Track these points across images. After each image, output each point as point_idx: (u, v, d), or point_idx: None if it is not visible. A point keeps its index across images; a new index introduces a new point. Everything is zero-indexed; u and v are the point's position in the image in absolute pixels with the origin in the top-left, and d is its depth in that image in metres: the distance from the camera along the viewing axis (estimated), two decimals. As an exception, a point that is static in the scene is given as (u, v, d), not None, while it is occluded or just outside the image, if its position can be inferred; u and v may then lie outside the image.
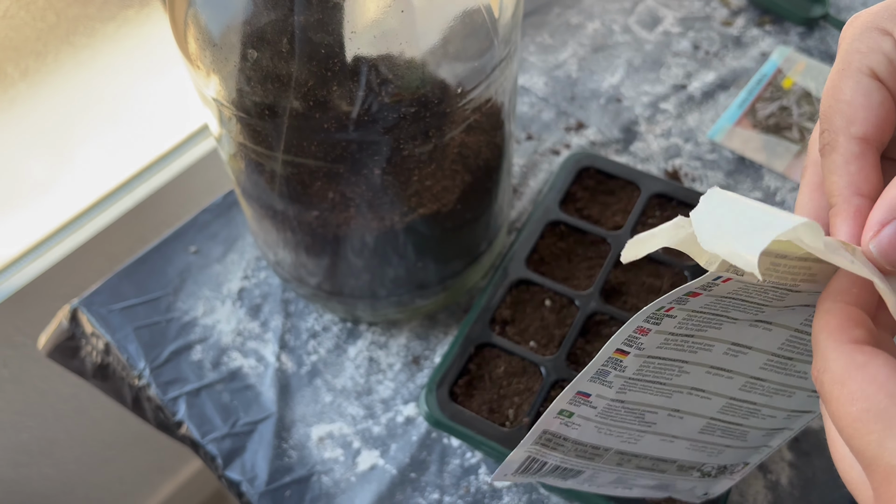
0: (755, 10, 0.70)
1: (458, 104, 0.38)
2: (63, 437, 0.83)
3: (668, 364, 0.28)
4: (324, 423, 0.50)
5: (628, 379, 0.29)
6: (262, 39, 0.35)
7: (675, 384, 0.30)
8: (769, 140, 0.61)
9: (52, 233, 0.73)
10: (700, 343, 0.27)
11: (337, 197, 0.40)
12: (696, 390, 0.30)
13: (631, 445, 0.34)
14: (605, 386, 0.29)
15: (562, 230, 0.52)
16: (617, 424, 0.32)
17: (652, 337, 0.27)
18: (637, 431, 0.33)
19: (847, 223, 0.24)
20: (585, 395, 0.30)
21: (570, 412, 0.31)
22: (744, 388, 0.30)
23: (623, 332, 0.26)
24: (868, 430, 0.19)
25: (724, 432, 0.33)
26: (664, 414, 0.32)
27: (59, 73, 0.66)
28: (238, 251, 0.57)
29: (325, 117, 0.35)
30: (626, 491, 0.38)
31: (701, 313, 0.26)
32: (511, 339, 0.48)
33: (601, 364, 0.28)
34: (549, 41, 0.69)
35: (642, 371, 0.29)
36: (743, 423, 0.32)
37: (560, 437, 0.33)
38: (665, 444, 0.34)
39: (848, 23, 0.26)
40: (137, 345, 0.53)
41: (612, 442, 0.33)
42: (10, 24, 0.60)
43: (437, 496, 0.46)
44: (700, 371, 0.29)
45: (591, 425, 0.32)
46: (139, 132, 0.76)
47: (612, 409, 0.31)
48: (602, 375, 0.29)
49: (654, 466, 0.36)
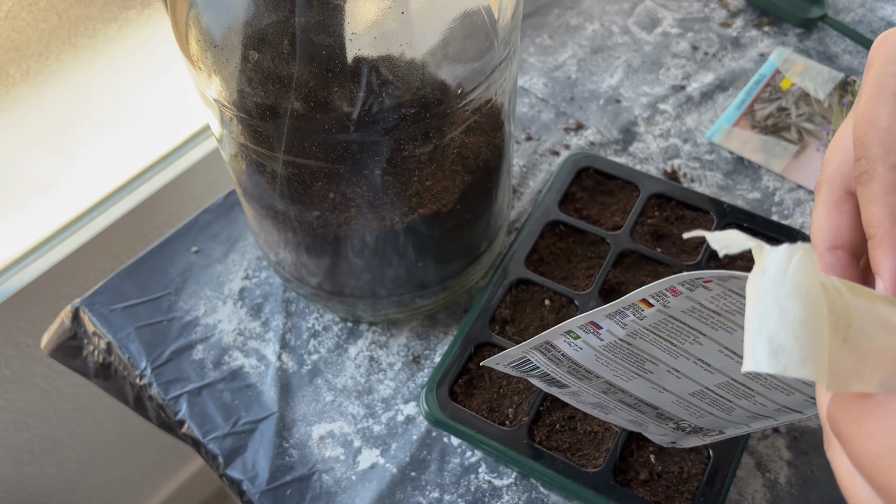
0: (753, 12, 0.70)
1: (458, 105, 0.38)
2: (65, 437, 0.83)
3: (686, 329, 0.29)
4: (325, 422, 0.50)
5: (643, 328, 0.30)
6: (264, 41, 0.35)
7: (685, 349, 0.30)
8: (768, 141, 0.61)
9: (54, 233, 0.74)
10: (724, 323, 0.28)
11: (338, 197, 0.40)
12: (703, 362, 0.31)
13: (622, 382, 0.35)
14: (619, 326, 0.30)
15: (561, 230, 0.52)
16: (616, 361, 0.33)
17: (681, 300, 0.27)
18: (632, 373, 0.33)
19: (890, 256, 0.23)
20: (598, 326, 0.31)
21: (578, 335, 0.32)
22: (748, 375, 0.30)
23: (655, 286, 0.27)
24: (889, 465, 0.19)
25: (713, 402, 0.34)
26: (664, 369, 0.32)
27: (61, 74, 0.66)
28: (239, 251, 0.57)
29: (325, 118, 0.35)
30: (601, 415, 0.40)
31: (736, 295, 0.26)
32: (511, 338, 0.48)
33: (623, 306, 0.29)
34: (549, 42, 0.69)
35: (659, 327, 0.29)
36: (734, 401, 0.33)
37: (560, 352, 0.34)
38: (654, 392, 0.35)
39: (878, 42, 0.26)
40: (139, 344, 0.53)
41: (606, 373, 0.34)
42: (12, 25, 0.60)
43: (437, 495, 0.47)
44: (713, 347, 0.29)
45: (592, 353, 0.33)
46: (140, 133, 0.76)
47: (617, 346, 0.32)
48: (620, 316, 0.29)
49: (635, 405, 0.37)
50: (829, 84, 0.64)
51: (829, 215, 0.27)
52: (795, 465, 0.47)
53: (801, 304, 0.20)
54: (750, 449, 0.47)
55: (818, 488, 0.46)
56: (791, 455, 0.47)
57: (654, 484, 0.43)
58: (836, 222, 0.26)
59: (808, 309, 0.20)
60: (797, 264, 0.20)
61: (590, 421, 0.45)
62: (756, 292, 0.21)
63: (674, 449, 0.44)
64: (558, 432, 0.44)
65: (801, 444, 0.47)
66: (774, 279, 0.21)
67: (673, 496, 0.42)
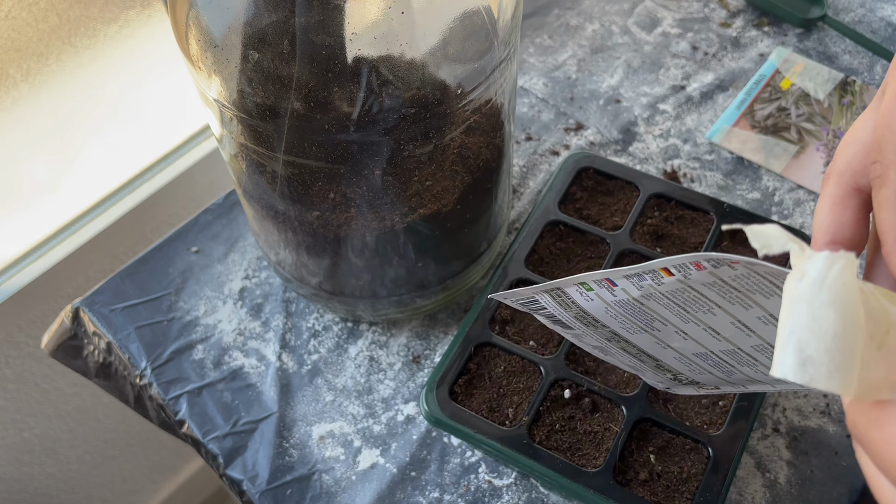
0: (753, 12, 0.70)
1: (458, 105, 0.38)
2: (65, 436, 0.83)
3: (701, 300, 0.29)
4: (325, 422, 0.50)
5: (659, 292, 0.30)
6: (264, 41, 0.35)
7: (697, 317, 0.30)
8: (767, 141, 0.61)
9: (55, 233, 0.74)
10: (742, 300, 0.28)
11: (338, 197, 0.40)
12: (713, 330, 0.31)
13: (627, 334, 0.35)
14: (635, 287, 0.30)
15: (561, 230, 0.52)
16: (625, 315, 0.33)
17: (703, 275, 0.27)
18: (639, 328, 0.34)
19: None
20: (613, 283, 0.31)
21: (591, 288, 0.32)
22: (755, 348, 0.30)
23: (679, 259, 0.27)
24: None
25: (715, 364, 0.34)
26: (672, 329, 0.33)
27: (61, 75, 0.66)
28: (239, 251, 0.57)
29: (325, 118, 0.36)
30: (601, 355, 0.40)
31: (760, 277, 0.26)
32: (511, 338, 0.48)
33: (643, 271, 0.29)
34: (549, 42, 0.69)
35: (675, 294, 0.29)
36: (736, 366, 0.33)
37: (570, 299, 0.34)
38: (657, 346, 0.35)
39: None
40: (139, 344, 0.53)
41: (613, 324, 0.35)
42: (13, 25, 0.60)
43: (437, 495, 0.47)
44: (726, 319, 0.30)
45: (602, 305, 0.33)
46: (141, 133, 0.76)
47: (629, 304, 0.32)
48: (638, 279, 0.30)
49: (637, 355, 0.38)
50: (828, 84, 0.64)
51: (832, 209, 0.26)
52: (795, 465, 0.47)
53: (835, 315, 0.20)
54: (750, 449, 0.47)
55: (818, 488, 0.46)
56: (791, 455, 0.47)
57: (654, 484, 0.43)
58: (838, 217, 0.26)
59: (842, 321, 0.20)
60: (837, 274, 0.20)
61: (590, 421, 0.45)
62: (793, 296, 0.21)
63: (674, 449, 0.44)
64: (558, 432, 0.44)
65: (801, 444, 0.47)
66: (812, 286, 0.20)
67: (673, 496, 0.42)
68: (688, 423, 0.44)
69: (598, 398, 0.45)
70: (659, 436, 0.44)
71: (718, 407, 0.45)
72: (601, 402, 0.45)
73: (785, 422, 0.48)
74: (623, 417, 0.44)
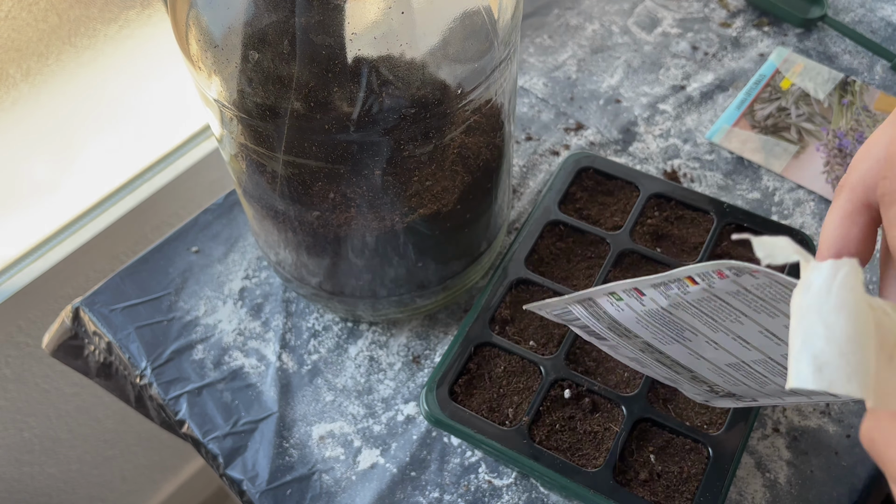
0: (753, 12, 0.70)
1: (458, 105, 0.38)
2: (65, 436, 0.83)
3: (728, 309, 0.29)
4: (325, 422, 0.50)
5: (686, 301, 0.30)
6: (264, 41, 0.35)
7: (726, 326, 0.30)
8: (767, 141, 0.61)
9: (55, 233, 0.74)
10: (768, 309, 0.28)
11: (338, 197, 0.40)
12: (742, 339, 0.31)
13: (660, 344, 0.35)
14: (662, 296, 0.30)
15: (561, 230, 0.52)
16: (656, 326, 0.33)
17: (727, 283, 0.27)
18: (671, 338, 0.34)
19: None
20: (641, 293, 0.31)
21: (621, 298, 0.32)
22: (785, 356, 0.30)
23: (701, 267, 0.27)
24: None
25: (748, 375, 0.34)
26: (703, 339, 0.33)
27: (61, 75, 0.66)
28: (239, 251, 0.57)
29: (325, 118, 0.36)
30: (638, 367, 0.40)
31: (782, 287, 0.26)
32: (511, 338, 0.48)
33: (669, 280, 0.29)
34: (549, 42, 0.69)
35: (702, 303, 0.29)
36: (769, 377, 0.33)
37: (602, 309, 0.34)
38: (691, 357, 0.35)
39: None
40: (139, 344, 0.53)
41: (646, 335, 0.35)
42: (13, 25, 0.60)
43: (437, 494, 0.47)
44: (754, 328, 0.30)
45: (633, 315, 0.33)
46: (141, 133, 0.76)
47: (658, 314, 0.32)
48: (665, 288, 0.30)
49: (671, 366, 0.37)
50: (828, 84, 0.64)
51: (841, 223, 0.26)
52: (795, 465, 0.47)
53: (846, 319, 0.20)
54: (750, 449, 0.47)
55: (818, 488, 0.46)
56: (791, 455, 0.47)
57: (654, 484, 0.43)
58: (846, 232, 0.26)
59: (854, 324, 0.20)
60: (843, 279, 0.20)
61: (590, 421, 0.45)
62: (800, 308, 0.21)
63: (674, 449, 0.44)
64: (558, 432, 0.44)
65: (801, 444, 0.47)
66: (819, 294, 0.21)
67: (673, 496, 0.42)
68: (688, 423, 0.44)
69: (598, 398, 0.45)
70: (659, 436, 0.44)
71: (718, 407, 0.45)
72: (601, 402, 0.45)
73: (785, 422, 0.48)
74: (623, 417, 0.44)
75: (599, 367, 0.47)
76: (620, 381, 0.46)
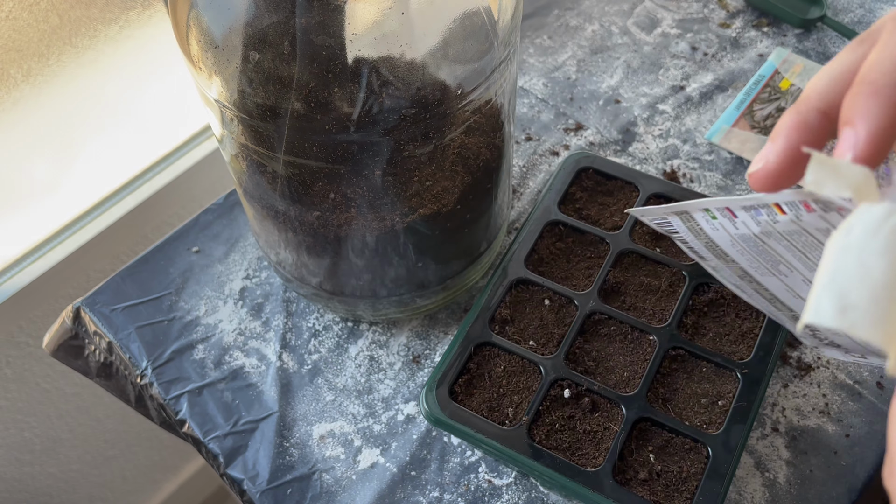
0: (753, 12, 0.70)
1: (457, 105, 0.38)
2: (66, 436, 0.84)
3: (819, 247, 0.28)
4: (325, 421, 0.50)
5: (777, 231, 0.29)
6: (264, 41, 0.35)
7: (817, 263, 0.29)
8: (767, 141, 0.61)
9: (55, 233, 0.74)
10: None
11: (338, 197, 0.41)
12: None
13: (757, 274, 0.34)
14: (753, 221, 0.30)
15: (561, 230, 0.53)
16: (751, 252, 0.32)
17: (814, 218, 0.26)
18: (766, 269, 0.33)
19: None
20: (734, 214, 0.30)
21: (714, 216, 0.32)
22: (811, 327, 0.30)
23: (786, 194, 0.26)
24: None
25: None
26: (798, 277, 0.31)
27: (62, 75, 0.66)
28: (240, 251, 0.58)
29: (326, 119, 0.36)
30: (743, 296, 0.40)
31: None
32: (510, 338, 0.48)
33: (757, 203, 0.28)
34: (549, 43, 0.69)
35: (793, 236, 0.28)
36: None
37: (698, 225, 0.33)
38: (788, 295, 0.34)
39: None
40: (140, 344, 0.53)
41: (741, 260, 0.34)
42: (13, 25, 0.60)
43: (437, 494, 0.47)
44: None
45: (728, 237, 0.32)
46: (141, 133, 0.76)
47: (752, 240, 0.31)
48: (755, 211, 0.29)
49: (771, 301, 0.36)
50: (828, 84, 0.64)
51: (795, 128, 0.25)
52: (794, 465, 0.47)
53: (887, 264, 0.19)
54: (749, 448, 0.47)
55: (817, 488, 0.46)
56: (790, 454, 0.47)
57: (654, 483, 0.43)
58: (799, 137, 0.25)
59: (894, 270, 0.19)
60: (895, 224, 0.19)
61: (589, 420, 0.45)
62: (835, 249, 0.20)
63: (673, 448, 0.44)
64: (558, 432, 0.45)
65: (800, 444, 0.47)
66: (862, 236, 0.19)
67: (672, 495, 0.42)
68: (687, 423, 0.44)
69: (597, 398, 0.46)
70: (658, 435, 0.44)
71: (718, 406, 0.45)
72: (601, 401, 0.46)
73: (784, 421, 0.48)
74: (623, 417, 0.44)
75: (599, 367, 0.47)
76: (620, 380, 0.46)
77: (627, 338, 0.48)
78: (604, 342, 0.48)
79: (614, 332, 0.48)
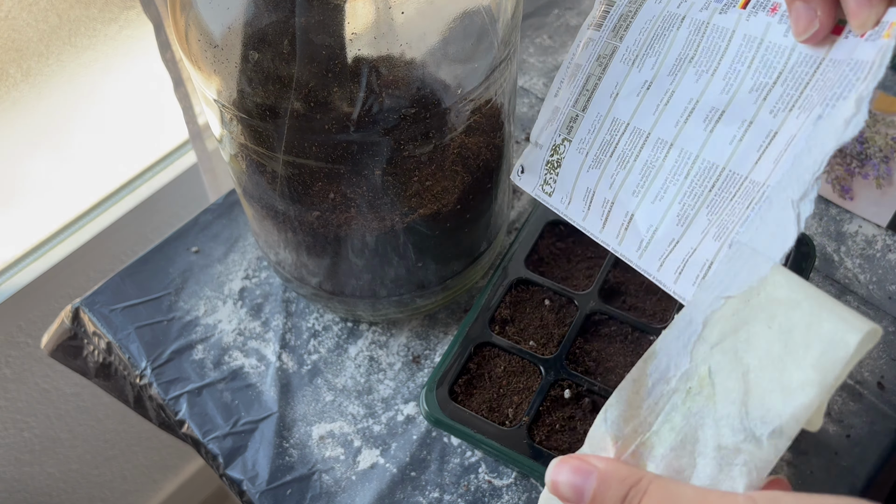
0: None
1: (457, 105, 0.38)
2: (65, 436, 0.84)
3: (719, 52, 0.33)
4: (325, 422, 0.50)
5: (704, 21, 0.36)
6: (263, 41, 0.35)
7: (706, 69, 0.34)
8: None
9: (54, 233, 0.74)
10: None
11: (338, 197, 0.41)
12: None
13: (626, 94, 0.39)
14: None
15: (561, 230, 0.52)
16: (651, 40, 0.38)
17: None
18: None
19: None
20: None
21: None
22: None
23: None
24: None
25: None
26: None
27: (62, 75, 0.66)
28: (239, 251, 0.57)
29: (325, 118, 0.36)
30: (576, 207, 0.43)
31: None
32: (510, 338, 0.48)
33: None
34: (549, 42, 0.69)
35: (712, 31, 0.35)
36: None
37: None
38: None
39: None
40: (139, 344, 0.53)
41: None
42: (13, 25, 0.60)
43: (437, 494, 0.47)
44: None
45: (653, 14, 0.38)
46: (141, 132, 0.76)
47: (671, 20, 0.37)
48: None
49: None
50: (828, 84, 0.64)
51: None
52: (795, 465, 0.47)
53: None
54: (750, 449, 0.47)
55: (817, 488, 0.46)
56: (790, 455, 0.47)
57: (654, 484, 0.43)
58: None
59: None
60: None
61: (589, 421, 0.45)
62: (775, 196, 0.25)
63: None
64: (558, 432, 0.45)
65: (801, 444, 0.47)
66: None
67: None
68: (688, 423, 0.44)
69: (598, 398, 0.45)
70: (659, 436, 0.44)
71: None
72: (601, 402, 0.45)
73: (785, 422, 0.48)
74: (623, 417, 0.44)
75: (599, 367, 0.47)
76: (620, 381, 0.46)
77: (628, 338, 0.48)
78: (604, 342, 0.48)
79: (615, 333, 0.48)
